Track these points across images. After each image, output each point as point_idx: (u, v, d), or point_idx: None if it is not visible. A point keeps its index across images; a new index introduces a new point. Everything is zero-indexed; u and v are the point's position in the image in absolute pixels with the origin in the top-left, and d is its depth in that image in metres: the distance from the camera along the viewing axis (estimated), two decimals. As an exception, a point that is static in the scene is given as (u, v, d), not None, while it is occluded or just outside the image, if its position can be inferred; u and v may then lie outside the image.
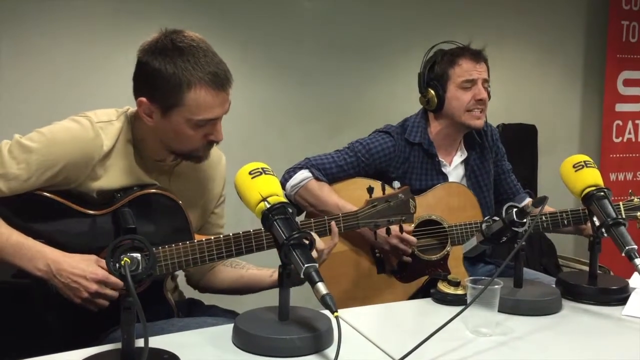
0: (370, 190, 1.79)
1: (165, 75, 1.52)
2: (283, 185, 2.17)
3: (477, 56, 2.23)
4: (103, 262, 1.47)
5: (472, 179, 2.31)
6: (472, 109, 2.20)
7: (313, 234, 1.53)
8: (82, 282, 1.48)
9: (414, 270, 2.16)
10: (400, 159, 2.22)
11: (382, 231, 1.95)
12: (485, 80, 2.22)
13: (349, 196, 2.13)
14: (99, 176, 1.60)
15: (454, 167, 2.31)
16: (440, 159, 2.27)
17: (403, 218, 1.83)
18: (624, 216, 2.05)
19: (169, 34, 1.56)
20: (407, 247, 2.08)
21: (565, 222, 2.10)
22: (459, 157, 2.32)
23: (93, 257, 1.53)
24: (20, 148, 1.54)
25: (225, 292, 1.88)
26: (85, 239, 1.58)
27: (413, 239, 2.07)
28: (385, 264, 2.15)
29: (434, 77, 2.25)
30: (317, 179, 2.14)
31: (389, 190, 1.82)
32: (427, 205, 2.18)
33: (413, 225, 2.14)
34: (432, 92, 2.23)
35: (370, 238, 2.08)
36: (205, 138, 1.61)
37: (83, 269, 1.49)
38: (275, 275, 1.74)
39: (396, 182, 1.85)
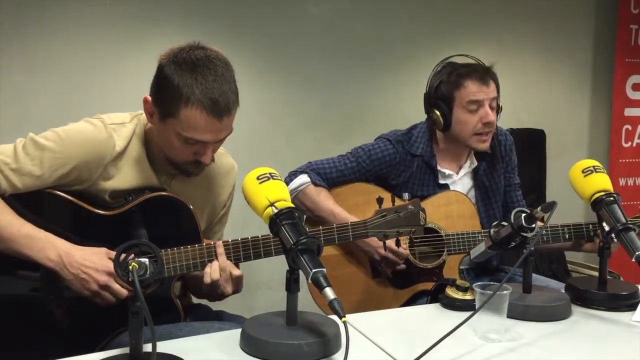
0: (379, 200, 1.79)
1: (170, 85, 1.54)
2: None
3: (485, 76, 2.14)
4: (113, 255, 1.49)
5: (481, 189, 2.28)
6: (480, 132, 2.15)
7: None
8: (93, 274, 1.50)
9: (408, 278, 2.15)
10: (402, 167, 2.21)
11: (372, 240, 1.93)
12: (493, 99, 2.15)
13: (346, 201, 2.14)
14: (112, 176, 1.63)
15: (461, 177, 2.27)
16: (442, 169, 2.24)
17: (413, 230, 1.82)
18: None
19: (194, 47, 1.58)
20: (397, 258, 2.07)
21: (567, 235, 2.07)
22: (467, 166, 2.29)
23: (103, 249, 1.55)
24: (34, 145, 1.57)
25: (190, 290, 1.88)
26: (95, 239, 1.60)
27: (404, 251, 2.06)
28: (380, 269, 2.15)
29: (440, 97, 2.18)
30: (314, 184, 2.15)
31: (398, 202, 1.82)
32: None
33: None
34: (438, 112, 2.17)
35: (363, 246, 2.08)
36: (193, 156, 1.63)
37: (94, 261, 1.51)
38: None
39: (406, 194, 1.84)
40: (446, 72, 2.20)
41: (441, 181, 2.24)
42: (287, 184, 2.15)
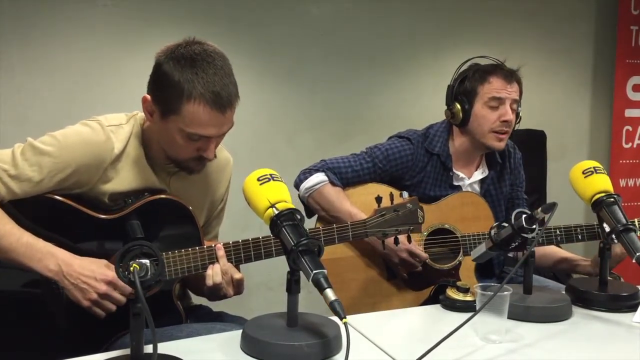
0: (378, 199, 1.79)
1: (170, 81, 1.53)
2: (297, 185, 2.16)
3: (510, 76, 2.16)
4: (113, 267, 1.48)
5: (486, 198, 2.27)
6: (497, 130, 2.15)
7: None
8: (92, 283, 1.49)
9: (425, 279, 2.14)
10: (418, 167, 2.20)
11: (390, 242, 1.91)
12: (515, 101, 2.16)
13: (360, 201, 2.12)
14: (111, 179, 1.62)
15: (471, 182, 2.27)
16: (456, 171, 2.23)
17: (411, 228, 1.82)
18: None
19: (190, 43, 1.57)
20: (416, 262, 2.06)
21: (580, 236, 2.07)
22: (479, 174, 2.28)
23: (103, 260, 1.55)
24: (32, 150, 1.56)
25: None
26: (95, 243, 1.60)
27: (424, 254, 2.06)
28: (395, 271, 2.14)
29: (462, 91, 2.19)
30: (332, 183, 2.13)
31: (397, 200, 1.82)
32: (440, 213, 2.17)
33: (425, 233, 2.13)
34: (458, 106, 2.18)
35: (379, 249, 2.06)
36: (196, 152, 1.62)
37: (93, 270, 1.50)
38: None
39: (405, 192, 1.84)
40: (472, 69, 2.22)
41: (455, 183, 2.24)
42: (302, 181, 2.15)
